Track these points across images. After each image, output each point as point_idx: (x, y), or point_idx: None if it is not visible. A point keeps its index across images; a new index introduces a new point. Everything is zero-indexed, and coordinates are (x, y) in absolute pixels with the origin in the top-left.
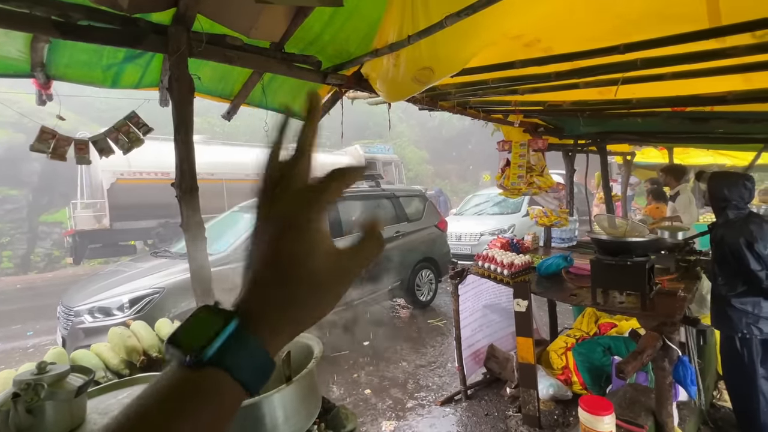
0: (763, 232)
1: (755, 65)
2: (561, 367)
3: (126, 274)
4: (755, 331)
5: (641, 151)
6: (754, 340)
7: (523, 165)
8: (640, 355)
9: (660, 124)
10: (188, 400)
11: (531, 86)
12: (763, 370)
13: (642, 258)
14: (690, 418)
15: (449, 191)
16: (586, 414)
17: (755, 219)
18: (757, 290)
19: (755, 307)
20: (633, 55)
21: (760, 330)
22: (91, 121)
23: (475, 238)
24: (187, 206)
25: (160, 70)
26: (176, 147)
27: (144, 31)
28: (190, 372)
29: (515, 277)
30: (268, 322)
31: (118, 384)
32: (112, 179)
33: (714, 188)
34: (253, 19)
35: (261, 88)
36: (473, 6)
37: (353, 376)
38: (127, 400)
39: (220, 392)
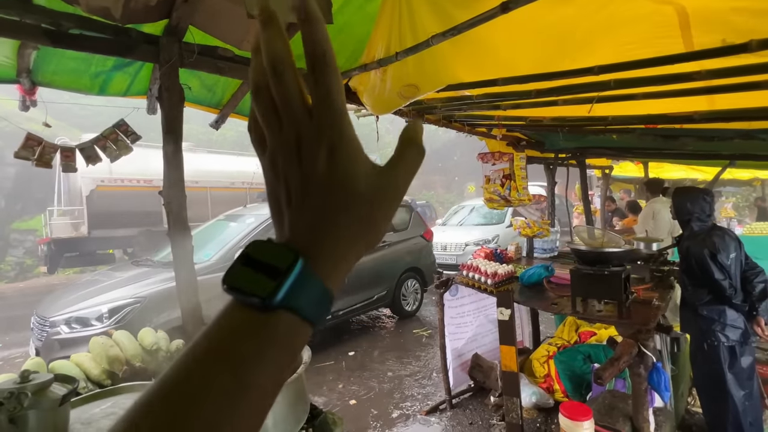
0: (725, 243)
1: (717, 88)
2: (543, 375)
3: (105, 283)
4: (722, 338)
5: (619, 164)
6: (722, 346)
7: (525, 177)
8: (616, 361)
9: (634, 140)
10: (267, 345)
11: (513, 102)
12: (731, 375)
13: (618, 268)
14: (665, 423)
15: (435, 202)
16: (567, 420)
17: (717, 231)
18: (721, 299)
19: (720, 315)
20: (607, 76)
21: (726, 337)
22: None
23: (461, 248)
24: (174, 215)
25: (149, 78)
26: (165, 156)
27: (136, 41)
28: (260, 314)
29: (499, 287)
30: (326, 256)
31: (101, 393)
32: (91, 186)
33: (677, 203)
34: (244, 31)
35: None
36: (458, 27)
37: (338, 387)
38: (112, 409)
39: (293, 334)
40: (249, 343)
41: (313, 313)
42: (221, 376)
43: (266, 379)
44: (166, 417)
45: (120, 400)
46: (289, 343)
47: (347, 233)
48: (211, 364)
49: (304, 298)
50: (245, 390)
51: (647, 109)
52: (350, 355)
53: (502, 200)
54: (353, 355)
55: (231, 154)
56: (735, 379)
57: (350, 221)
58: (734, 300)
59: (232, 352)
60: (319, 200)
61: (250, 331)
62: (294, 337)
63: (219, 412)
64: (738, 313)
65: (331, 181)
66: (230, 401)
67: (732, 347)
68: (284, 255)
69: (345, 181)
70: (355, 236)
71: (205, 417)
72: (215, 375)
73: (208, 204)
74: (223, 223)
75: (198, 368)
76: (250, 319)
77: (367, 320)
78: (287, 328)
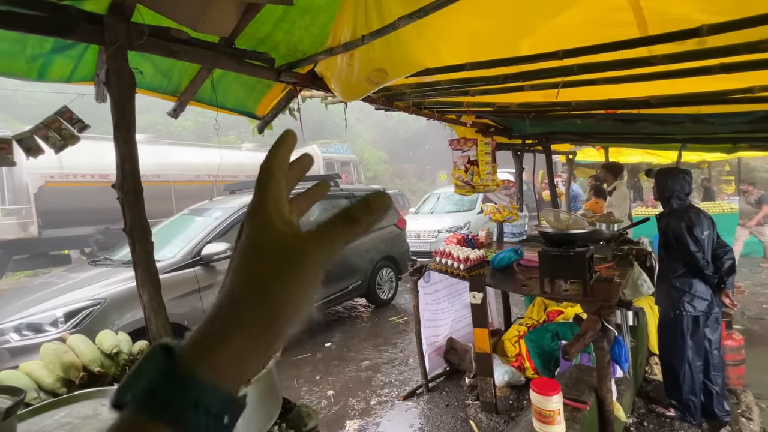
0: (700, 220)
1: (671, 73)
2: (515, 355)
3: (59, 285)
4: (689, 308)
5: (581, 150)
6: (687, 316)
7: (490, 162)
8: (582, 337)
9: (596, 125)
10: None
11: (481, 88)
12: (692, 342)
13: (583, 248)
14: (626, 392)
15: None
16: (537, 395)
17: (694, 209)
18: (694, 271)
19: (690, 287)
20: (570, 60)
21: (693, 307)
22: (14, 118)
23: (433, 235)
24: (130, 209)
25: (95, 62)
26: (116, 146)
27: (75, 20)
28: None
29: (471, 271)
30: (220, 350)
31: (54, 403)
32: (40, 182)
33: (660, 182)
34: (200, 12)
35: (211, 85)
36: (424, 9)
37: (316, 378)
38: (66, 419)
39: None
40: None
41: (190, 418)
42: None
43: None
44: None
45: (75, 408)
46: None
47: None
48: None
49: (168, 399)
50: None
51: (608, 93)
52: (327, 347)
53: (467, 186)
54: (330, 346)
55: (195, 146)
56: (695, 347)
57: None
58: (706, 271)
59: None
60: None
61: None
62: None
63: None
64: (706, 286)
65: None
66: None
67: (696, 317)
68: (160, 351)
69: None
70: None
71: None
72: None
73: (172, 198)
74: (188, 217)
75: None
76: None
77: (343, 311)
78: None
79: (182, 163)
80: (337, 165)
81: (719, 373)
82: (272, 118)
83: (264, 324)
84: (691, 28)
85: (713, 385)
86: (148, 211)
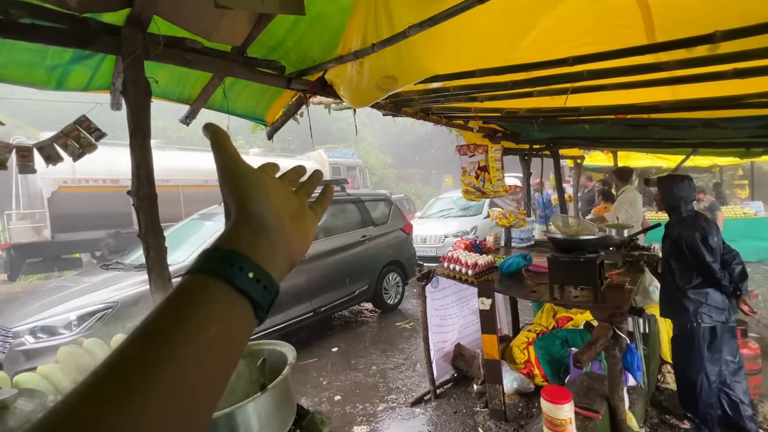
0: (711, 227)
1: (682, 78)
2: (523, 361)
3: (72, 289)
4: (706, 319)
5: (589, 154)
6: (704, 327)
7: (500, 168)
8: (594, 344)
9: (605, 130)
10: (178, 300)
11: (489, 94)
12: (709, 354)
13: (593, 254)
14: (638, 401)
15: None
16: (548, 404)
17: (702, 216)
18: (709, 281)
19: (707, 298)
20: (580, 67)
21: (710, 318)
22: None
23: (440, 240)
24: (145, 215)
25: (111, 72)
26: (132, 153)
27: (95, 32)
28: (190, 276)
29: (479, 277)
30: (258, 249)
31: None
32: (53, 187)
33: (665, 190)
34: (214, 22)
35: (222, 92)
36: (435, 18)
37: (323, 383)
38: None
39: (207, 292)
40: (165, 301)
41: (242, 281)
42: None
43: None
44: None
45: None
46: (206, 301)
47: (274, 242)
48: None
49: (228, 267)
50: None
51: (618, 99)
52: (334, 351)
53: (478, 192)
54: (337, 350)
55: (203, 151)
56: (712, 358)
57: (269, 238)
58: (723, 282)
59: (158, 311)
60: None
61: (180, 288)
62: (209, 295)
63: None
64: (722, 296)
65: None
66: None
67: (713, 328)
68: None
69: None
70: (280, 244)
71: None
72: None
73: (181, 203)
74: (197, 222)
75: (152, 314)
76: (183, 281)
77: (350, 315)
78: (199, 286)
79: (191, 168)
80: (343, 169)
81: (738, 380)
82: (281, 125)
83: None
84: (704, 34)
85: (733, 392)
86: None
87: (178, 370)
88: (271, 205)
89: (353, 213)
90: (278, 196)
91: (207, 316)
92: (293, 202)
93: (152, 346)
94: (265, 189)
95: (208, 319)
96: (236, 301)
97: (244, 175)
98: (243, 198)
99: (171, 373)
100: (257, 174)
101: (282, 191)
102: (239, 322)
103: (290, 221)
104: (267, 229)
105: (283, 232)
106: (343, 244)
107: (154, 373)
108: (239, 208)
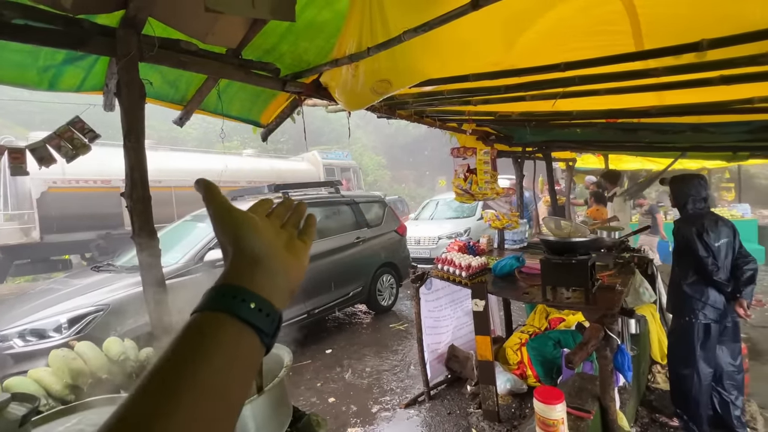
0: (716, 227)
1: (671, 84)
2: (517, 362)
3: (62, 291)
4: (700, 316)
5: (581, 157)
6: (698, 324)
7: (488, 171)
8: (585, 345)
9: (596, 134)
10: (189, 336)
11: (483, 98)
12: (702, 352)
13: (585, 256)
14: (629, 400)
15: (406, 196)
16: (540, 404)
17: (711, 216)
18: (705, 277)
19: (702, 294)
20: (572, 72)
21: (704, 315)
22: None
23: (434, 241)
24: (138, 217)
25: (104, 73)
26: (126, 155)
27: (89, 33)
28: (200, 315)
29: (472, 279)
30: (256, 281)
31: (66, 410)
32: (42, 188)
33: (675, 188)
34: (209, 24)
35: (217, 95)
36: (429, 23)
37: (317, 385)
38: (78, 426)
39: (215, 326)
40: (174, 342)
41: (246, 312)
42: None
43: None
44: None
45: (87, 415)
46: (214, 336)
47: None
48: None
49: (231, 301)
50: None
51: (609, 103)
52: (327, 353)
53: (467, 194)
54: (330, 352)
55: (196, 152)
56: (705, 356)
57: (263, 271)
58: (715, 276)
59: (167, 352)
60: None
61: (190, 325)
62: (218, 330)
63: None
64: (719, 294)
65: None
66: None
67: (707, 325)
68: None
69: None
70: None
71: None
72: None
73: (173, 204)
74: (190, 223)
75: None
76: (192, 319)
77: (344, 317)
78: (209, 322)
79: (184, 169)
80: (337, 171)
81: (734, 383)
82: (276, 127)
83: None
84: (691, 42)
85: (728, 394)
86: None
87: (196, 400)
88: (263, 241)
89: (347, 215)
90: (268, 232)
91: (217, 348)
92: (283, 236)
93: (170, 381)
94: (257, 228)
95: (218, 350)
96: (242, 331)
97: (235, 219)
98: (237, 239)
99: (190, 401)
100: (248, 216)
101: (271, 227)
102: (247, 349)
103: (283, 252)
104: (262, 262)
105: (278, 262)
106: (337, 245)
107: (174, 402)
108: (235, 247)
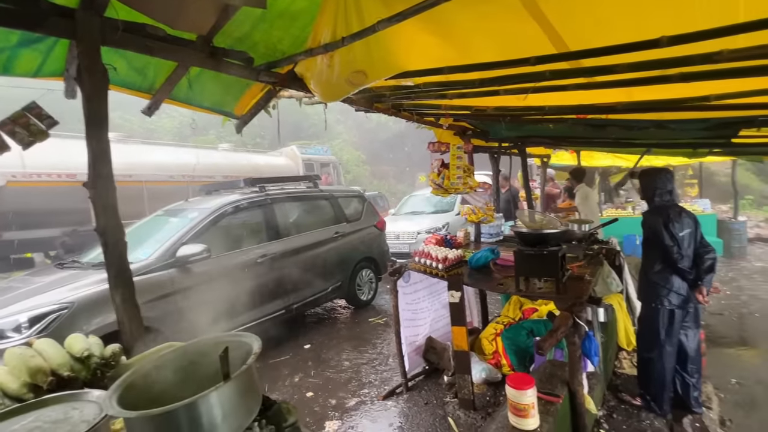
0: (680, 218)
1: (634, 81)
2: (492, 352)
3: (22, 290)
4: (665, 303)
5: (555, 154)
6: (663, 310)
7: (461, 166)
8: (555, 332)
9: (567, 129)
10: None
11: (458, 91)
12: (666, 337)
13: (555, 248)
14: (597, 385)
15: (386, 192)
16: (512, 390)
17: (676, 208)
18: (670, 266)
19: (667, 282)
20: (542, 66)
21: (669, 301)
22: None
23: (413, 236)
24: (102, 209)
25: (64, 57)
26: (88, 144)
27: (46, 14)
28: None
29: (449, 271)
30: None
31: (21, 408)
32: (0, 182)
33: (643, 181)
34: (175, 9)
35: (187, 83)
36: (403, 13)
37: (295, 380)
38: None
39: None
40: None
41: None
42: None
43: None
44: None
45: (45, 413)
46: None
47: None
48: None
49: None
50: None
51: (578, 99)
52: (306, 348)
53: (440, 188)
54: (309, 347)
55: (169, 145)
56: (669, 340)
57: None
58: (679, 264)
59: None
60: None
61: None
62: None
63: None
64: (683, 282)
65: None
66: None
67: (672, 311)
68: None
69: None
70: None
71: None
72: None
73: (144, 199)
74: (162, 218)
75: None
76: None
77: (323, 312)
78: None
79: (155, 163)
80: (316, 166)
81: (696, 367)
82: (251, 118)
83: None
84: (652, 38)
85: (690, 377)
86: (119, 211)
87: None
88: None
89: (326, 209)
90: None
91: None
92: None
93: None
94: None
95: None
96: None
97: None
98: None
99: None
100: None
101: None
102: None
103: None
104: None
105: None
106: (316, 240)
107: None
108: None
